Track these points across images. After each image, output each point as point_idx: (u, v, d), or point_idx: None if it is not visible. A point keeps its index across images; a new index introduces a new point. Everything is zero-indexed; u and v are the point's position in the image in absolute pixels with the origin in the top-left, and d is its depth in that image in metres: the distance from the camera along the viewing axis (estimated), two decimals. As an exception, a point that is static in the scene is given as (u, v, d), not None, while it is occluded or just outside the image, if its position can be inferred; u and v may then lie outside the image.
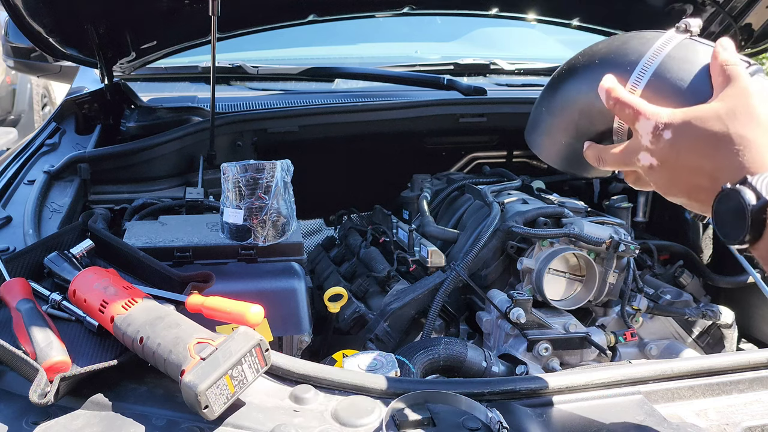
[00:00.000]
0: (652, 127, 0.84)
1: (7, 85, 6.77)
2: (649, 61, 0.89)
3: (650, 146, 0.85)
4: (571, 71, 1.00)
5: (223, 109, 2.19)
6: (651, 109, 0.86)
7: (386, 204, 2.19)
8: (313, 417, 0.93)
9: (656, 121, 0.84)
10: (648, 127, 0.85)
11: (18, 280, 1.14)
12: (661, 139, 0.84)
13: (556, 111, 1.01)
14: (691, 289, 2.01)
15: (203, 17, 1.82)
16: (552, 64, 2.83)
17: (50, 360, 0.94)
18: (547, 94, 1.04)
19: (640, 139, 0.86)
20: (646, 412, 0.98)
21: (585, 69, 0.98)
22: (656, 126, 0.84)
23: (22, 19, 1.77)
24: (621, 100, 0.88)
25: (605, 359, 1.61)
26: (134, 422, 0.89)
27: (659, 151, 0.85)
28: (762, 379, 1.09)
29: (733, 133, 0.78)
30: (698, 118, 0.81)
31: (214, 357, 0.90)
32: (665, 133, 0.83)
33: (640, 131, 0.86)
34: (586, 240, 1.64)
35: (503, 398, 1.00)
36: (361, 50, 2.96)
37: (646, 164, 0.87)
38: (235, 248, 1.45)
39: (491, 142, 2.52)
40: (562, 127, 1.01)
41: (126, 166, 1.89)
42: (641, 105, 0.87)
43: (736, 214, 0.75)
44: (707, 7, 2.28)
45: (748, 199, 0.74)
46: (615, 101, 0.89)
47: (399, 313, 1.64)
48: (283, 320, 1.39)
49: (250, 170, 1.42)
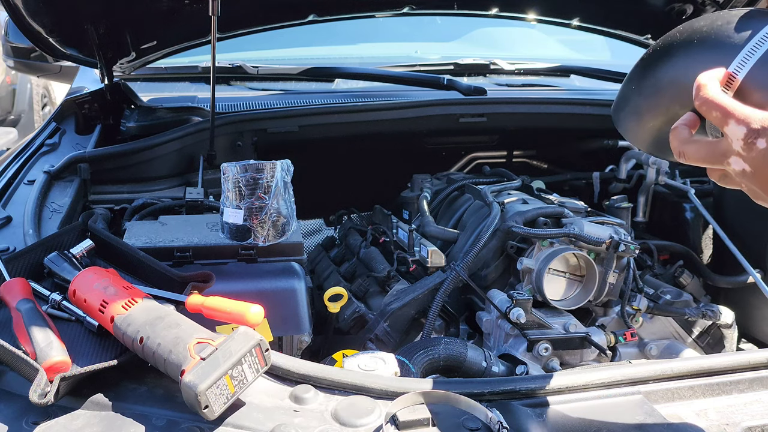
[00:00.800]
0: (744, 134, 0.77)
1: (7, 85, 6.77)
2: (757, 44, 0.80)
3: (742, 153, 0.79)
4: (666, 50, 0.91)
5: (223, 109, 2.19)
6: (743, 112, 0.78)
7: (386, 204, 2.19)
8: (313, 417, 0.93)
9: (748, 127, 0.77)
10: (739, 132, 0.78)
11: (18, 280, 1.14)
12: (754, 147, 0.77)
13: (646, 91, 0.92)
14: (691, 289, 2.01)
15: (203, 17, 1.82)
16: (552, 64, 2.83)
17: (50, 360, 0.94)
18: (638, 72, 0.95)
19: (731, 143, 0.79)
20: (646, 412, 0.98)
21: (681, 49, 0.88)
22: (748, 132, 0.77)
23: (22, 19, 1.77)
24: (709, 100, 0.80)
25: (605, 359, 1.61)
26: (134, 422, 0.90)
27: (752, 159, 0.78)
28: (762, 379, 1.09)
29: None
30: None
31: (214, 357, 0.90)
32: (759, 142, 0.77)
33: (730, 135, 0.79)
34: (586, 240, 1.64)
35: (503, 398, 1.00)
36: (361, 50, 2.96)
37: (737, 169, 0.80)
38: (235, 248, 1.45)
39: (491, 142, 2.52)
40: (651, 109, 0.93)
41: (126, 166, 1.89)
42: (732, 106, 0.79)
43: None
44: (707, 7, 2.28)
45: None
46: (702, 101, 0.81)
47: (399, 313, 1.64)
48: (283, 320, 1.39)
49: (250, 170, 1.42)
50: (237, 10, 2.02)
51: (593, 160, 2.44)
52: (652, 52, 0.93)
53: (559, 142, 2.54)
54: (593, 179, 2.37)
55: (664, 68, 0.90)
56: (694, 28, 0.89)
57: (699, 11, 2.31)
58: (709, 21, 0.87)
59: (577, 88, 2.74)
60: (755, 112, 0.78)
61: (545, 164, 2.60)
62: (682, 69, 0.87)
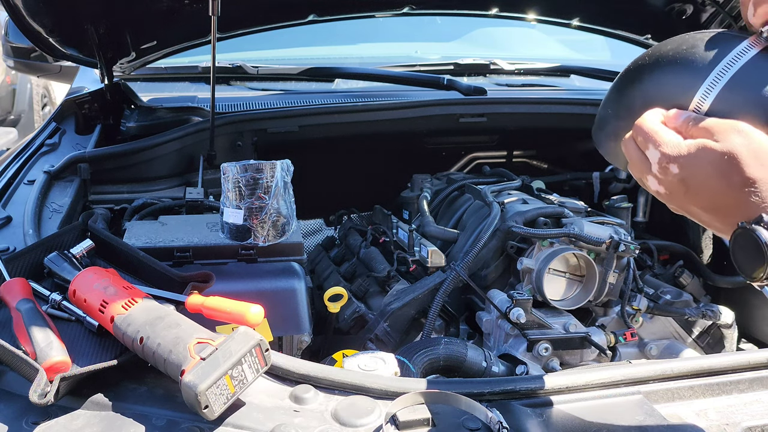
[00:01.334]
0: (658, 158, 0.81)
1: (7, 85, 6.77)
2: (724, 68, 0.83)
3: (659, 175, 0.82)
4: (636, 73, 0.94)
5: (223, 109, 2.19)
6: (663, 139, 0.81)
7: (386, 204, 2.19)
8: (313, 417, 0.93)
9: (662, 152, 0.81)
10: (654, 156, 0.82)
11: (18, 280, 1.14)
12: (668, 171, 0.81)
13: (621, 114, 0.96)
14: (691, 289, 2.01)
15: (203, 17, 1.82)
16: (552, 64, 2.83)
17: (50, 360, 0.94)
18: (613, 95, 0.99)
19: (650, 165, 0.83)
20: (646, 412, 0.98)
21: (649, 73, 0.92)
22: (662, 157, 0.81)
23: (22, 19, 1.77)
24: (638, 125, 0.84)
25: (605, 359, 1.61)
26: (134, 422, 0.90)
27: (667, 183, 0.82)
28: (762, 379, 1.09)
29: (748, 175, 0.75)
30: (708, 152, 0.78)
31: (214, 357, 0.90)
32: (672, 167, 0.80)
33: (649, 158, 0.83)
34: (586, 240, 1.64)
35: (503, 398, 1.00)
36: (361, 50, 2.96)
37: (653, 189, 0.85)
38: (235, 248, 1.45)
39: (491, 142, 2.52)
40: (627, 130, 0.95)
41: (126, 166, 1.89)
42: (654, 132, 0.82)
43: (754, 251, 0.75)
44: (707, 7, 2.28)
45: (765, 238, 0.73)
46: (634, 127, 0.85)
47: (399, 313, 1.64)
48: (283, 320, 1.39)
49: (250, 170, 1.42)
50: (237, 10, 2.02)
51: (593, 160, 2.44)
52: (624, 75, 0.97)
53: (559, 142, 2.53)
54: (593, 179, 2.37)
55: (635, 91, 0.93)
56: (661, 52, 0.92)
57: (699, 11, 2.31)
58: (675, 45, 0.90)
59: (577, 88, 2.74)
60: (672, 140, 0.81)
61: (545, 164, 2.60)
62: (651, 92, 0.90)
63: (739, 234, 0.77)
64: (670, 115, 0.84)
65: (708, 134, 0.79)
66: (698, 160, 0.79)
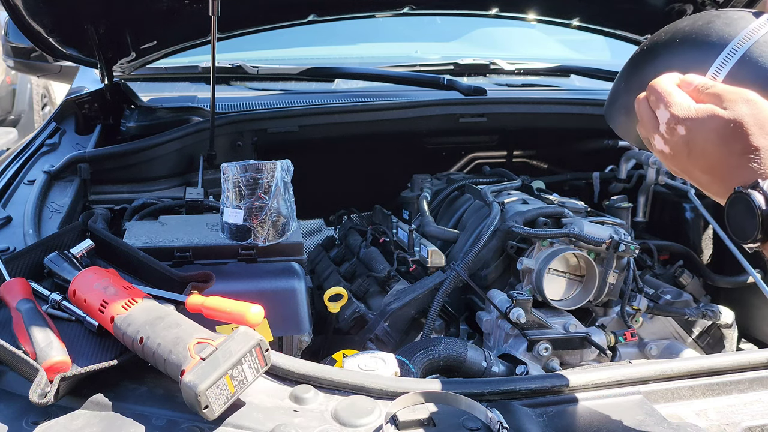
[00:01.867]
0: (667, 118, 0.85)
1: (7, 85, 6.76)
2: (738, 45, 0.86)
3: (665, 135, 0.86)
4: (651, 49, 0.97)
5: (223, 109, 2.19)
6: (674, 100, 0.85)
7: (386, 204, 2.19)
8: (313, 417, 0.93)
9: (672, 113, 0.84)
10: (664, 116, 0.85)
11: (18, 280, 1.14)
12: (675, 132, 0.84)
13: (634, 88, 0.97)
14: (691, 289, 2.01)
15: (203, 17, 1.82)
16: (552, 64, 2.83)
17: (50, 360, 0.94)
18: (627, 70, 1.02)
19: (659, 125, 0.87)
20: (646, 412, 0.98)
21: (665, 47, 0.94)
22: (671, 118, 0.84)
23: (22, 19, 1.77)
24: (652, 86, 0.88)
25: (605, 359, 1.61)
26: (134, 422, 0.90)
27: (673, 143, 0.85)
28: (762, 379, 1.09)
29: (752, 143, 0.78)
30: (714, 119, 0.81)
31: (214, 357, 0.90)
32: (679, 128, 0.83)
33: (659, 118, 0.86)
34: (586, 240, 1.64)
35: (503, 398, 1.00)
36: (361, 50, 2.96)
37: (658, 148, 0.88)
38: (235, 248, 1.45)
39: (491, 142, 2.52)
40: None
41: (126, 166, 1.89)
42: (666, 92, 0.86)
43: (747, 215, 0.77)
44: (707, 7, 2.28)
45: (759, 203, 0.76)
46: (648, 87, 0.88)
47: (399, 313, 1.64)
48: (283, 320, 1.39)
49: (250, 170, 1.42)
50: (237, 10, 2.02)
51: (593, 160, 2.44)
52: (640, 51, 0.99)
53: (559, 142, 2.54)
54: (593, 179, 2.37)
55: (650, 66, 0.95)
56: (677, 27, 0.95)
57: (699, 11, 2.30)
58: (691, 21, 0.93)
59: (577, 88, 2.74)
60: (683, 102, 0.84)
61: (545, 164, 2.60)
62: (665, 66, 0.92)
63: (734, 198, 0.80)
64: (686, 78, 0.87)
65: (718, 100, 0.82)
66: (704, 125, 0.82)
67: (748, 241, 0.79)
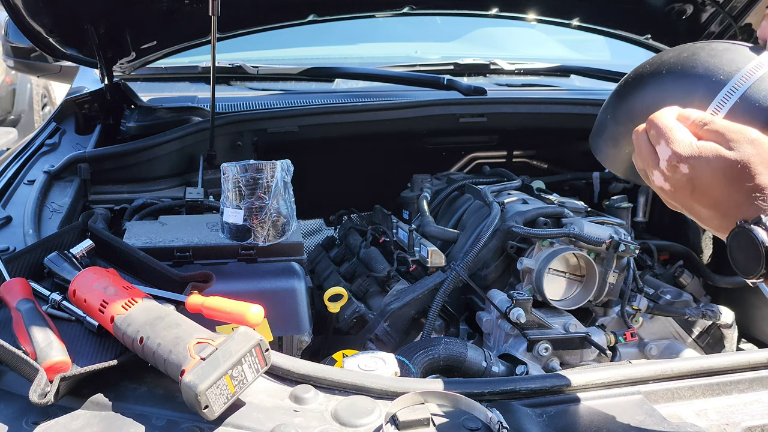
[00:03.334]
0: (669, 155, 0.83)
1: (7, 85, 6.76)
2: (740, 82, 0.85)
3: (666, 172, 0.84)
4: (638, 80, 0.97)
5: (223, 109, 2.19)
6: (676, 137, 0.83)
7: (386, 204, 2.19)
8: (313, 417, 0.93)
9: (674, 151, 0.82)
10: (665, 153, 0.83)
11: (18, 280, 1.14)
12: (677, 170, 0.82)
13: (621, 119, 0.98)
14: (691, 289, 2.01)
15: (203, 17, 1.82)
16: (552, 64, 2.83)
17: (50, 360, 0.94)
18: (613, 101, 1.01)
19: (658, 160, 0.85)
20: (646, 412, 0.98)
21: (651, 79, 0.94)
22: (672, 155, 0.82)
23: (22, 19, 1.77)
24: (652, 120, 0.86)
25: (605, 359, 1.61)
26: (134, 422, 0.90)
27: (674, 181, 0.84)
28: (762, 379, 1.09)
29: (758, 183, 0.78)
30: (720, 159, 0.80)
31: (214, 357, 0.90)
32: (681, 167, 0.82)
33: (659, 154, 0.85)
34: (586, 240, 1.64)
35: (503, 398, 1.00)
36: (361, 50, 2.96)
37: (658, 185, 0.86)
38: (235, 248, 1.45)
39: (491, 142, 2.52)
40: (626, 135, 0.97)
41: (126, 166, 1.89)
42: (667, 128, 0.84)
43: (750, 250, 0.77)
44: (707, 7, 2.28)
45: (762, 238, 0.76)
46: (648, 121, 0.86)
47: (399, 313, 1.64)
48: (283, 320, 1.39)
49: (250, 170, 1.42)
50: (237, 10, 2.02)
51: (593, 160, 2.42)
52: (625, 83, 0.99)
53: (559, 142, 2.53)
54: (593, 179, 2.37)
55: (637, 97, 0.96)
56: (662, 59, 0.95)
57: (699, 11, 2.31)
58: (676, 53, 0.93)
59: (577, 88, 2.74)
60: (685, 139, 0.82)
61: (545, 164, 2.60)
62: (652, 97, 0.92)
63: (737, 232, 0.79)
64: (683, 113, 0.86)
65: (721, 138, 0.81)
66: (710, 164, 0.80)
67: (752, 276, 0.79)
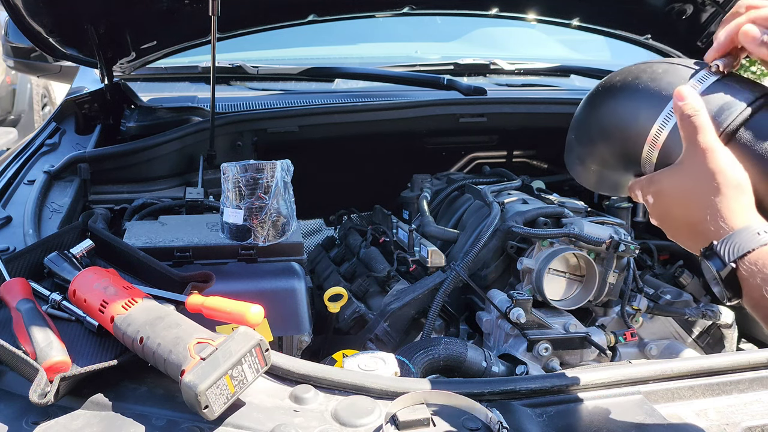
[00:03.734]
0: (638, 188, 0.91)
1: (7, 85, 6.76)
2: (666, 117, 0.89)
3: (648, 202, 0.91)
4: (592, 102, 1.04)
5: (223, 109, 2.19)
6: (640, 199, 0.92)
7: (386, 204, 2.19)
8: (313, 417, 0.93)
9: (640, 184, 0.91)
10: (636, 186, 0.93)
11: (18, 280, 1.14)
12: (648, 201, 0.90)
13: (582, 141, 1.05)
14: (691, 289, 2.00)
15: (203, 17, 1.82)
16: (552, 64, 2.83)
17: (50, 360, 0.94)
18: (576, 124, 1.08)
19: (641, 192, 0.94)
20: (646, 412, 0.98)
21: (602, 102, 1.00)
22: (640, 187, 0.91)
23: (22, 19, 1.77)
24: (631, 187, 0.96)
25: (605, 359, 1.61)
26: (134, 422, 0.89)
27: (651, 208, 0.91)
28: (762, 379, 1.09)
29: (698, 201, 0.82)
30: (668, 184, 0.86)
31: (214, 357, 0.90)
32: (648, 198, 0.90)
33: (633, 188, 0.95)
34: (586, 240, 1.64)
35: (503, 398, 1.00)
36: (361, 50, 2.96)
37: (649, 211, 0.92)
38: (235, 248, 1.45)
39: (491, 142, 2.52)
40: (589, 155, 1.06)
41: (126, 166, 1.89)
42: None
43: (713, 279, 0.80)
44: (707, 7, 2.28)
45: (716, 268, 0.79)
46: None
47: (399, 313, 1.64)
48: (283, 320, 1.39)
49: (250, 170, 1.42)
50: (237, 10, 2.02)
51: (593, 160, 2.44)
52: (582, 104, 1.07)
53: (559, 142, 2.53)
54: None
55: (591, 119, 1.04)
56: (611, 82, 1.01)
57: (699, 11, 2.31)
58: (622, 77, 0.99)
59: (577, 88, 2.74)
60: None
61: (545, 164, 2.60)
62: (606, 120, 0.99)
63: (701, 263, 0.83)
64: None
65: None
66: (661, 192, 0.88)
67: (724, 301, 0.82)
